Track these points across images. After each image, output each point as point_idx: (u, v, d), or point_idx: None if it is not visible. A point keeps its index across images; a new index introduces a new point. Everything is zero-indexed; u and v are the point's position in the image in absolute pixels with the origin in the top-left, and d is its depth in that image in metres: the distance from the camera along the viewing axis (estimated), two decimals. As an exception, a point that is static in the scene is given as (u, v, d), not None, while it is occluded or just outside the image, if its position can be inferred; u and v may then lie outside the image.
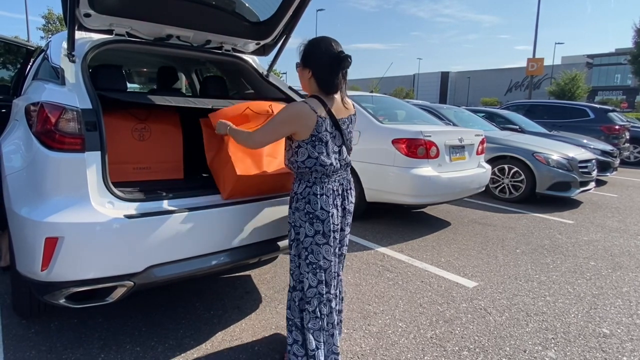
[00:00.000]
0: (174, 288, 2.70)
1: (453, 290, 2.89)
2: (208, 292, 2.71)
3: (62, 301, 1.73)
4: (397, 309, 2.60)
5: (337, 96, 1.72)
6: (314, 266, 1.73)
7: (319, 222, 1.69)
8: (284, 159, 1.80)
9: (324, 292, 1.76)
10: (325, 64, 1.64)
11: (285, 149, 1.78)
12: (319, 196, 1.69)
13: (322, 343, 1.76)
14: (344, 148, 1.77)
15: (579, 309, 2.68)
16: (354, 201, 1.87)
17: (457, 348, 2.18)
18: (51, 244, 1.62)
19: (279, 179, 2.11)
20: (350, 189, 1.84)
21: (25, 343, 2.06)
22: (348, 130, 1.77)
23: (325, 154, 1.67)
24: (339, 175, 1.77)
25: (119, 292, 1.79)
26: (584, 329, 2.43)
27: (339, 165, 1.74)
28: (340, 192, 1.77)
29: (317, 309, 1.76)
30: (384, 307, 2.61)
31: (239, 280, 2.91)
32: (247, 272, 3.03)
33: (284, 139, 1.77)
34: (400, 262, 3.39)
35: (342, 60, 1.63)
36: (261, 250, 2.16)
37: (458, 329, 2.38)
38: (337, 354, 1.83)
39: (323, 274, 1.74)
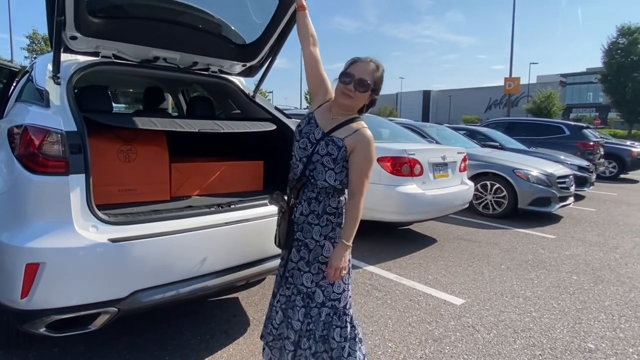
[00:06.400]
0: (159, 311, 2.63)
1: (441, 308, 2.90)
2: (194, 315, 2.64)
3: (42, 330, 1.67)
4: (387, 328, 2.58)
5: None
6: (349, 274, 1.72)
7: None
8: (331, 180, 1.61)
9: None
10: None
11: (334, 170, 1.61)
12: None
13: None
14: None
15: (564, 324, 2.72)
16: None
17: (447, 367, 2.18)
18: (32, 271, 1.58)
19: (214, 169, 2.50)
20: None
21: (1, 375, 1.97)
22: None
23: None
24: None
25: (102, 319, 1.74)
26: (570, 344, 2.46)
27: None
28: None
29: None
30: (373, 327, 2.60)
31: (226, 303, 2.86)
32: (234, 295, 2.98)
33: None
34: (389, 280, 3.39)
35: None
36: (250, 271, 2.13)
37: (447, 347, 2.38)
38: None
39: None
